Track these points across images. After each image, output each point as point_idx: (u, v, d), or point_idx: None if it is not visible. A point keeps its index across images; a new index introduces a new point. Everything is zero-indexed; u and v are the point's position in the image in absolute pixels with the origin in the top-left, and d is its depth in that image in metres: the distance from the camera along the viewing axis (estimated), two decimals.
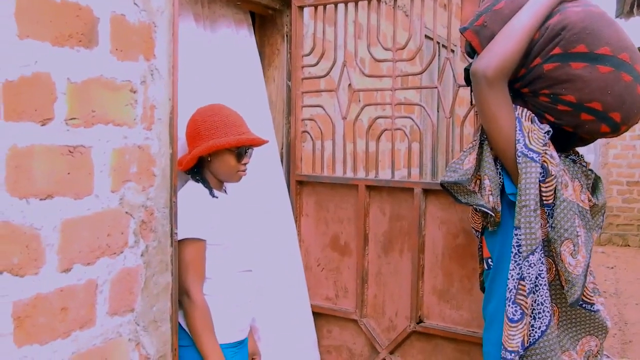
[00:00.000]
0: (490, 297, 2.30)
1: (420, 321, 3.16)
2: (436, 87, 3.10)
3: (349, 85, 3.42)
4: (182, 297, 2.42)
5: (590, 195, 2.23)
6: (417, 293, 3.15)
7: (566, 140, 2.23)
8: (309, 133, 3.54)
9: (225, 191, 2.69)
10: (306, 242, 3.52)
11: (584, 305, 2.13)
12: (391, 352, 3.26)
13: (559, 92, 2.08)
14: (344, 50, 3.39)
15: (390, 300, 3.26)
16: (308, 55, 3.50)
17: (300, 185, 3.53)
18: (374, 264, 3.31)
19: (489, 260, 2.29)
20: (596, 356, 2.23)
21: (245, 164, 2.61)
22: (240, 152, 2.56)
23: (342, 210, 3.40)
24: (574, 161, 2.25)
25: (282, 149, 3.53)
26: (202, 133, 2.53)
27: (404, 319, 3.22)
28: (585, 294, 2.12)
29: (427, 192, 3.11)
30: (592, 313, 2.15)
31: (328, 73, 3.43)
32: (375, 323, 3.32)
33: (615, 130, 2.13)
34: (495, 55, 2.06)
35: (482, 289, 2.56)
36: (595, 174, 2.29)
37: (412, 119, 3.20)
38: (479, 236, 2.35)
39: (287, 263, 3.28)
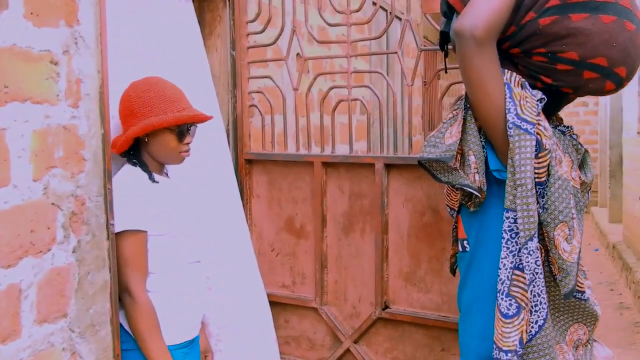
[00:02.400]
0: (465, 283, 2.07)
1: (385, 307, 2.94)
2: (396, 53, 2.85)
3: (297, 54, 3.15)
4: (122, 296, 2.16)
5: (579, 172, 2.01)
6: (381, 277, 2.92)
7: (555, 105, 2.00)
8: (257, 107, 3.26)
9: (167, 174, 2.40)
10: (258, 225, 3.26)
11: (575, 295, 1.92)
12: (355, 341, 3.04)
13: (558, 49, 1.83)
14: (293, 16, 3.10)
15: (353, 286, 3.03)
16: (253, 21, 3.21)
17: (249, 164, 3.25)
18: (333, 247, 3.07)
19: (465, 242, 2.06)
20: (586, 345, 2.03)
21: (187, 143, 2.33)
22: (182, 130, 2.27)
23: (297, 189, 3.14)
24: (563, 133, 2.02)
25: (227, 125, 3.25)
26: (137, 110, 2.24)
27: (369, 305, 2.99)
28: (577, 282, 1.90)
29: (389, 167, 2.88)
30: (582, 301, 1.95)
31: (276, 40, 3.15)
32: (337, 310, 3.09)
33: (619, 87, 1.91)
34: (483, 11, 1.79)
35: (453, 272, 2.34)
36: (585, 148, 2.07)
37: (370, 88, 2.95)
38: (455, 215, 2.12)
39: (237, 250, 3.00)
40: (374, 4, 4.21)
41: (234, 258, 2.96)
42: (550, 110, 2.00)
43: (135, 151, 2.29)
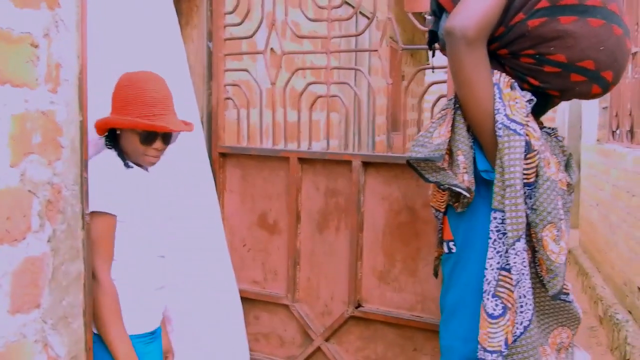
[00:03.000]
0: (450, 284, 2.06)
1: (358, 305, 2.92)
2: (376, 50, 2.83)
3: (271, 49, 3.10)
4: None
5: (565, 174, 2.01)
6: (355, 275, 2.90)
7: (541, 107, 2.00)
8: (232, 100, 3.21)
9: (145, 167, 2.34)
10: (230, 220, 3.21)
11: (561, 296, 1.92)
12: (326, 339, 3.01)
13: (546, 51, 1.83)
14: (273, 9, 3.06)
15: (325, 283, 3.01)
16: (231, 13, 3.16)
17: (223, 158, 3.20)
18: (306, 243, 3.04)
19: (451, 243, 2.05)
20: (567, 348, 2.03)
21: (157, 149, 2.26)
22: (148, 135, 2.22)
23: (271, 185, 3.10)
24: (548, 134, 2.02)
25: (202, 117, 3.19)
26: (115, 102, 2.24)
27: (341, 304, 2.97)
28: (564, 284, 1.90)
29: (366, 165, 2.86)
30: (567, 304, 1.95)
31: (254, 33, 3.10)
32: (308, 308, 3.06)
33: (605, 91, 1.92)
34: (474, 11, 1.78)
35: (435, 274, 2.33)
36: (568, 150, 2.08)
37: (350, 85, 2.92)
38: (441, 216, 2.10)
39: (210, 245, 2.95)
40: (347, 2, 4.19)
41: (207, 253, 2.90)
42: (536, 113, 2.00)
43: (113, 137, 2.25)
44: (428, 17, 2.19)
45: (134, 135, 2.22)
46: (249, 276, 3.19)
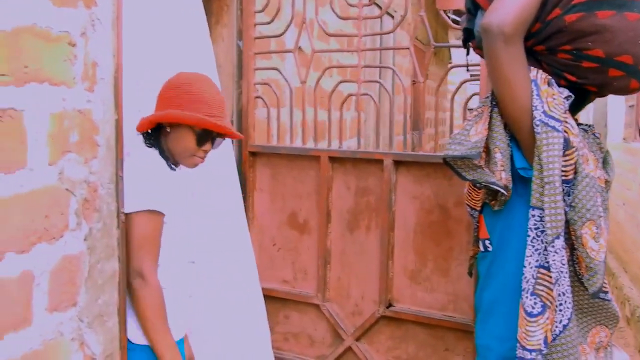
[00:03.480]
0: (487, 283, 2.03)
1: (389, 305, 2.91)
2: (407, 48, 2.81)
3: (299, 48, 3.09)
4: (133, 279, 2.06)
5: (603, 171, 1.98)
6: (386, 274, 2.88)
7: (578, 104, 1.97)
8: (262, 99, 3.20)
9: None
10: (260, 219, 3.21)
11: (600, 295, 1.89)
12: (357, 339, 2.99)
13: (584, 46, 1.80)
14: (304, 8, 3.05)
15: (356, 283, 2.99)
16: (261, 11, 3.16)
17: (253, 157, 3.20)
18: (337, 243, 3.02)
19: (487, 241, 2.02)
20: (606, 348, 2.00)
21: (205, 151, 2.23)
22: (203, 134, 2.18)
23: (301, 184, 3.09)
24: (585, 131, 2.00)
25: (232, 117, 3.19)
26: (172, 98, 2.17)
27: (372, 303, 2.95)
28: (603, 282, 1.87)
29: (398, 163, 2.84)
30: (605, 302, 1.92)
31: (285, 32, 3.10)
32: (338, 308, 3.05)
33: None
34: (511, 7, 1.76)
35: (470, 273, 2.31)
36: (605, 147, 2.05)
37: (381, 84, 2.90)
38: (477, 215, 2.08)
39: (236, 249, 2.91)
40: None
41: (232, 257, 2.86)
42: (573, 109, 1.97)
43: (156, 136, 2.21)
44: (452, 16, 2.17)
45: (189, 134, 2.17)
46: (279, 275, 3.18)
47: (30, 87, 1.61)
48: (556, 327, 1.80)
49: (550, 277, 1.79)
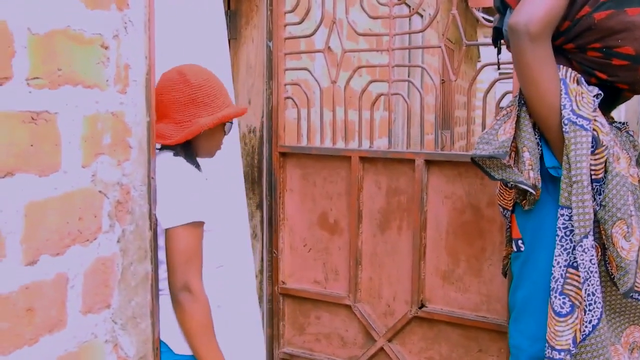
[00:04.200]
0: (520, 283, 2.02)
1: (422, 306, 2.88)
2: (439, 47, 2.78)
3: (329, 48, 3.08)
4: (179, 294, 1.99)
5: (637, 169, 1.95)
6: (418, 275, 2.86)
7: (610, 102, 1.95)
8: (292, 99, 3.20)
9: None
10: (290, 219, 3.20)
11: (632, 295, 1.86)
12: (389, 340, 2.98)
13: (614, 44, 1.78)
14: (334, 8, 3.04)
15: (388, 283, 2.97)
16: (291, 12, 3.15)
17: (283, 158, 3.20)
18: (368, 243, 3.01)
19: (519, 242, 2.01)
20: None
21: (226, 135, 2.24)
22: (228, 125, 2.20)
23: (332, 184, 3.08)
24: (619, 129, 1.97)
25: (262, 117, 3.19)
26: (201, 100, 2.09)
27: (404, 304, 2.93)
28: (635, 281, 1.84)
29: (429, 163, 2.81)
30: (638, 302, 1.89)
31: (315, 32, 3.09)
32: (370, 308, 3.03)
33: None
34: (539, 6, 1.74)
35: (504, 274, 2.29)
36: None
37: (412, 82, 2.88)
38: (509, 215, 2.06)
39: (238, 252, 2.86)
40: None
41: (234, 262, 2.82)
42: (605, 107, 1.95)
43: (181, 145, 2.13)
44: (481, 14, 2.16)
45: (220, 130, 2.16)
46: (310, 276, 3.18)
47: (64, 90, 1.62)
48: (585, 327, 1.79)
49: (579, 277, 1.78)
